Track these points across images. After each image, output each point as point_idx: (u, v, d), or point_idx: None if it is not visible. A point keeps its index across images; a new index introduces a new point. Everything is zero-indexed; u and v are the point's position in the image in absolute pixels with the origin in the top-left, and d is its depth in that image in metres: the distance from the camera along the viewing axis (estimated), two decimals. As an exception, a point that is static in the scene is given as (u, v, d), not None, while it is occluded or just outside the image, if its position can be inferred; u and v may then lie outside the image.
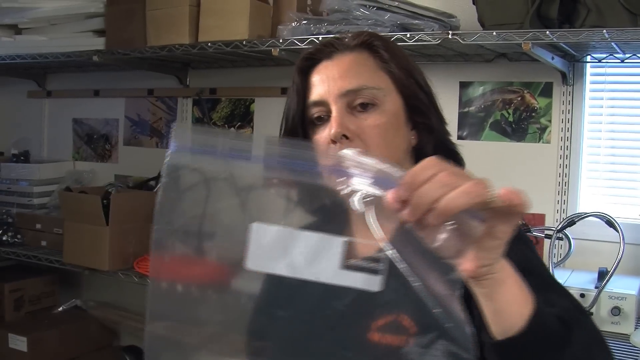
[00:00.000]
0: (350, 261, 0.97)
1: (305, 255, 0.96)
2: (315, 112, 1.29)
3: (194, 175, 1.05)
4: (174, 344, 1.12)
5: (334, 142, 1.24)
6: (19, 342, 3.10)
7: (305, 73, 1.33)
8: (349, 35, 1.35)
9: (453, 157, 1.35)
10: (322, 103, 1.28)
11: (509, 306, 0.92)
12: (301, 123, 1.32)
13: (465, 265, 0.87)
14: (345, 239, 0.96)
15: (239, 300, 1.18)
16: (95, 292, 3.59)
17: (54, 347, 3.17)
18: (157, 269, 1.10)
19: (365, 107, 1.26)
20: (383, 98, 1.26)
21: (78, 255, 2.90)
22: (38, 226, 3.24)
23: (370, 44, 1.31)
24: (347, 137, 1.24)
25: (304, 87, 1.32)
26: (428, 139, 1.31)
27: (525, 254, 1.15)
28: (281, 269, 0.96)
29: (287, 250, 0.96)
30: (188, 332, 1.12)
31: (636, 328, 2.08)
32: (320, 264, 0.95)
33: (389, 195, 0.83)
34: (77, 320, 3.38)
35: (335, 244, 0.96)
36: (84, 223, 2.85)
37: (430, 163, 0.84)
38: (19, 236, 3.26)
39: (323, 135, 1.27)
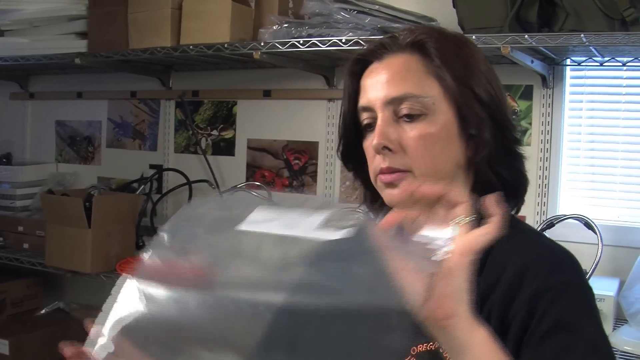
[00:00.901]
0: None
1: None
2: (364, 118, 1.22)
3: None
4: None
5: (377, 152, 1.19)
6: (0, 345, 3.09)
7: (357, 75, 1.25)
8: (404, 32, 1.24)
9: (510, 171, 1.22)
10: (369, 109, 1.21)
11: None
12: (354, 127, 1.25)
13: (429, 304, 0.86)
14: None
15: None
16: (78, 295, 3.58)
17: (37, 350, 3.16)
18: None
19: (411, 116, 1.17)
20: (432, 107, 1.17)
21: (60, 257, 2.89)
22: (20, 229, 3.22)
23: (422, 45, 1.20)
24: (390, 149, 1.17)
25: (355, 90, 1.25)
26: (482, 151, 1.18)
27: (571, 307, 1.06)
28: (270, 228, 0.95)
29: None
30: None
31: (614, 329, 2.10)
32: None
33: None
34: (59, 322, 3.37)
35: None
36: (66, 225, 2.84)
37: None
38: (0, 239, 3.24)
39: (367, 143, 1.22)
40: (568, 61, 2.48)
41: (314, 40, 2.39)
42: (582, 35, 2.01)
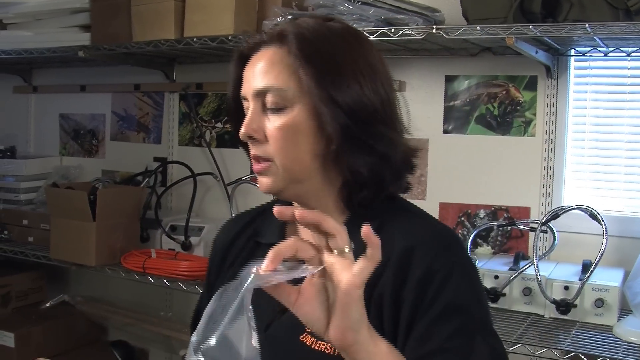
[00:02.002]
0: None
1: None
2: (245, 106, 1.25)
3: None
4: None
5: (245, 141, 1.24)
6: (6, 338, 3.11)
7: (241, 67, 1.27)
8: (281, 24, 1.28)
9: (379, 157, 1.23)
10: (245, 98, 1.24)
11: None
12: (239, 113, 1.28)
13: (332, 332, 0.93)
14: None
15: None
16: (83, 288, 3.59)
17: (42, 342, 3.17)
18: None
19: (275, 107, 1.20)
20: (291, 99, 1.19)
21: (65, 250, 2.90)
22: (25, 222, 3.23)
23: (284, 38, 1.22)
24: (255, 139, 1.22)
25: (238, 78, 1.27)
26: (345, 142, 1.20)
27: (460, 290, 1.14)
28: None
29: None
30: None
31: (619, 319, 2.10)
32: None
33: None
34: (64, 315, 3.38)
35: None
36: (70, 219, 2.85)
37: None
38: (5, 232, 3.25)
39: None
40: (572, 52, 2.48)
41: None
42: (586, 25, 2.00)
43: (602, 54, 2.43)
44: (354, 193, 1.24)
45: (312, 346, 1.15)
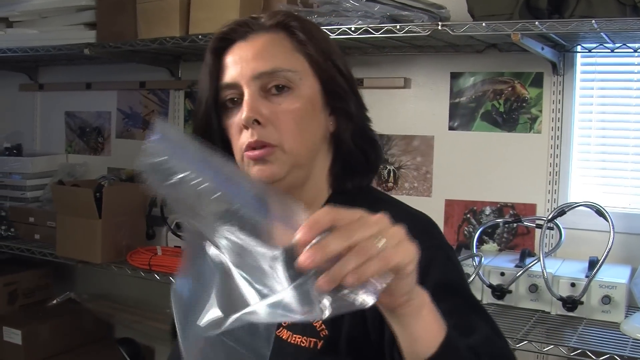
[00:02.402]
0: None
1: None
2: (228, 94, 1.22)
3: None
4: None
5: (246, 127, 1.19)
6: (13, 335, 3.11)
7: (218, 54, 1.25)
8: (265, 14, 1.28)
9: (371, 144, 1.30)
10: (234, 86, 1.21)
11: (423, 333, 0.91)
12: (215, 107, 1.24)
13: (383, 298, 0.85)
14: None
15: None
16: (89, 285, 3.59)
17: (49, 339, 3.18)
18: None
19: (280, 90, 1.19)
20: (299, 81, 1.20)
21: (71, 248, 2.91)
22: (31, 219, 3.24)
23: (286, 25, 1.24)
24: (259, 123, 1.18)
25: (217, 68, 1.24)
26: (347, 125, 1.26)
27: (451, 274, 1.14)
28: None
29: None
30: None
31: (626, 316, 2.10)
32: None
33: (304, 261, 0.79)
34: (71, 313, 3.39)
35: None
36: (76, 216, 2.85)
37: (329, 217, 0.81)
38: (12, 229, 3.26)
39: (235, 120, 1.21)
40: (579, 48, 2.47)
41: (322, 28, 2.37)
42: (593, 21, 1.99)
43: (609, 50, 2.42)
44: (345, 173, 1.26)
45: (288, 340, 1.15)
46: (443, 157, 2.73)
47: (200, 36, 2.65)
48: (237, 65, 1.21)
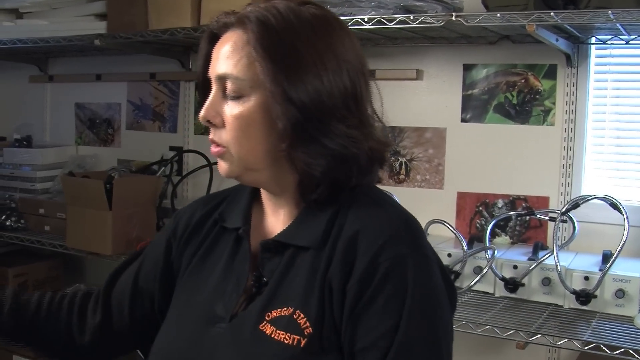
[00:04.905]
0: None
1: None
2: (210, 86, 1.22)
3: None
4: None
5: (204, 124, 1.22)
6: (23, 327, 3.11)
7: (212, 42, 1.23)
8: (247, 6, 1.20)
9: (331, 161, 1.17)
10: (210, 79, 1.21)
11: None
12: (205, 90, 1.24)
13: None
14: None
15: None
16: (99, 277, 3.57)
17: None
18: None
19: (234, 95, 1.17)
20: (248, 90, 1.16)
21: (81, 239, 2.90)
22: (41, 211, 3.23)
23: (244, 24, 1.17)
24: (213, 124, 1.20)
25: (207, 57, 1.23)
26: (283, 143, 1.17)
27: (396, 302, 1.10)
28: None
29: None
30: None
31: (640, 311, 2.08)
32: None
33: None
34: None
35: None
36: (87, 208, 2.85)
37: None
38: (22, 221, 3.25)
39: None
40: (593, 40, 2.45)
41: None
42: (609, 12, 1.97)
43: (624, 42, 2.40)
44: (308, 191, 1.20)
45: (272, 335, 1.13)
46: (455, 149, 2.72)
47: (211, 27, 2.64)
48: (212, 61, 1.21)
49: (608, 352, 1.87)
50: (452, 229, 2.38)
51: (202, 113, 1.20)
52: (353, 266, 1.12)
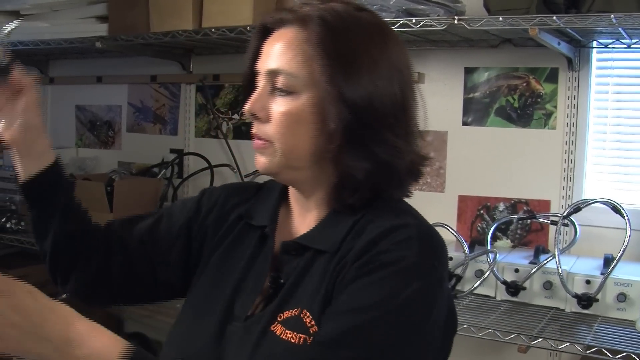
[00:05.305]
0: None
1: None
2: (257, 80, 1.22)
3: None
4: None
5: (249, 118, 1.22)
6: (23, 329, 3.10)
7: (261, 40, 1.24)
8: (305, 4, 1.21)
9: (376, 171, 1.18)
10: (258, 73, 1.22)
11: None
12: (251, 83, 1.25)
13: None
14: None
15: None
16: (99, 279, 3.58)
17: (59, 333, 3.17)
18: None
19: (284, 90, 1.18)
20: (300, 88, 1.16)
21: (82, 242, 2.89)
22: (41, 213, 3.22)
23: (306, 23, 1.17)
24: (258, 117, 1.19)
25: (256, 52, 1.24)
26: (331, 145, 1.17)
27: (385, 291, 1.08)
28: None
29: None
30: None
31: (642, 314, 2.08)
32: None
33: None
34: (81, 307, 3.37)
35: None
36: (88, 210, 2.84)
37: None
38: (22, 223, 3.24)
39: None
40: (594, 43, 2.45)
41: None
42: (612, 16, 1.97)
43: (625, 46, 2.40)
44: (346, 195, 1.20)
45: (281, 336, 1.14)
46: (456, 152, 2.72)
47: (213, 29, 2.64)
48: (263, 56, 1.22)
49: (610, 356, 1.87)
50: (453, 232, 2.37)
51: (247, 106, 1.20)
52: (364, 254, 1.11)
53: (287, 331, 1.13)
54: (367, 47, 1.18)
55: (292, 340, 1.12)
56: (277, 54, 1.18)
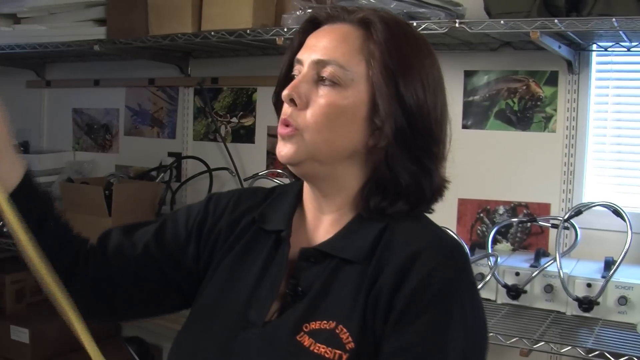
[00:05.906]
0: None
1: None
2: (295, 69, 1.23)
3: None
4: None
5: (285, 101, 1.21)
6: (20, 334, 3.10)
7: (306, 32, 1.26)
8: (360, 8, 1.26)
9: (414, 176, 1.20)
10: (300, 62, 1.21)
11: None
12: (285, 79, 1.26)
13: None
14: None
15: None
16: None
17: (56, 338, 3.15)
18: None
19: (329, 82, 1.17)
20: (349, 82, 1.17)
21: (80, 246, 2.89)
22: (39, 217, 3.21)
23: (368, 24, 1.20)
24: (295, 103, 1.18)
25: (300, 44, 1.25)
26: (381, 144, 1.18)
27: (445, 318, 1.09)
28: None
29: None
30: None
31: (644, 318, 2.08)
32: None
33: None
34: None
35: None
36: (86, 214, 2.83)
37: None
38: (20, 227, 3.23)
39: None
40: (594, 46, 2.45)
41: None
42: (613, 19, 1.97)
43: (625, 49, 2.40)
44: (377, 200, 1.20)
45: (310, 348, 1.12)
46: (456, 155, 2.69)
47: (212, 33, 2.63)
48: (310, 46, 1.22)
49: (612, 359, 1.87)
50: (454, 235, 2.37)
51: (286, 91, 1.18)
52: (404, 282, 1.10)
53: (318, 344, 1.11)
54: (421, 57, 1.21)
55: (327, 356, 1.10)
56: (329, 46, 1.19)
